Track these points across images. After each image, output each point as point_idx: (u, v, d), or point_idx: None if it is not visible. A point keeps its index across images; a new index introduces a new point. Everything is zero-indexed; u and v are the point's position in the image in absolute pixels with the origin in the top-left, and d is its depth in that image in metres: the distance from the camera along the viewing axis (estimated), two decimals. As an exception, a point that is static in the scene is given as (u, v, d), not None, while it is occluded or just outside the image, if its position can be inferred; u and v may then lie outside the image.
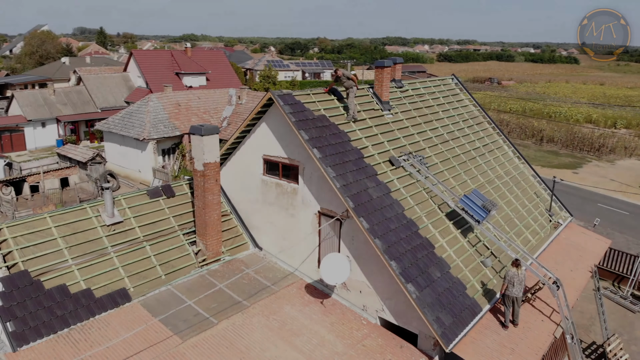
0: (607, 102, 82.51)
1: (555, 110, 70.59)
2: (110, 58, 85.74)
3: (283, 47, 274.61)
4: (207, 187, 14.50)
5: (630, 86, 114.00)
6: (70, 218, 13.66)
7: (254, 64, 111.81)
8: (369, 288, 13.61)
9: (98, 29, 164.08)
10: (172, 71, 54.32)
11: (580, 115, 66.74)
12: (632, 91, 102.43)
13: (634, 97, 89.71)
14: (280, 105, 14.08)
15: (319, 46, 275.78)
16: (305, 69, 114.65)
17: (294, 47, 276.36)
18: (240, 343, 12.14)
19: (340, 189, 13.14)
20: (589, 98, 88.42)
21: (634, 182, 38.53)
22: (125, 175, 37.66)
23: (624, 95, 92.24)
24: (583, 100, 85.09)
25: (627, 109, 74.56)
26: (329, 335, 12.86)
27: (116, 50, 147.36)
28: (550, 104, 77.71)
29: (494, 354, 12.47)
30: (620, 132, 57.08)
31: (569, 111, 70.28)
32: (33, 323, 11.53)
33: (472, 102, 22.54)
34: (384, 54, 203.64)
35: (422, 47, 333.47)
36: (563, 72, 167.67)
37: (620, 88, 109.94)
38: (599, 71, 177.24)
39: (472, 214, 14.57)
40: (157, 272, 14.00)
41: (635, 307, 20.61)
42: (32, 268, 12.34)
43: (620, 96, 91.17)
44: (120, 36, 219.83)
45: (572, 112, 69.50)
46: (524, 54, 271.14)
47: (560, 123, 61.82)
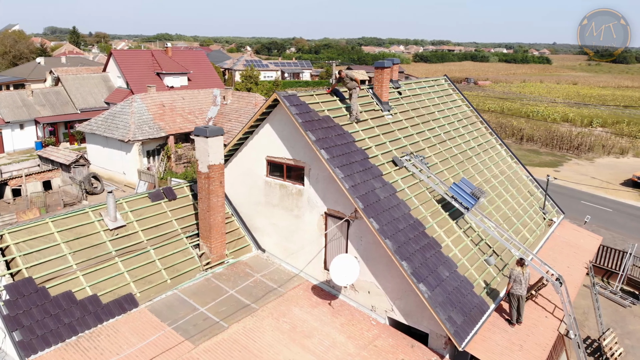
0: (582, 101, 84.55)
1: (532, 110, 72.04)
2: (86, 58, 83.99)
3: (260, 46, 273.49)
4: (211, 190, 14.31)
5: (602, 85, 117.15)
6: (72, 223, 13.32)
7: (232, 64, 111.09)
8: (377, 288, 13.63)
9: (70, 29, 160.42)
10: (153, 71, 53.52)
11: (557, 115, 68.25)
12: (604, 90, 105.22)
13: (607, 96, 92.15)
14: (286, 106, 13.99)
15: (295, 46, 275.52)
16: (284, 69, 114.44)
17: (270, 46, 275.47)
18: (252, 347, 12.01)
19: (350, 189, 13.13)
20: (564, 97, 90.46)
21: (614, 179, 39.57)
22: (109, 177, 36.96)
23: (598, 95, 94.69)
24: (558, 99, 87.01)
25: (602, 108, 76.53)
26: (340, 337, 12.84)
27: (89, 50, 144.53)
28: (528, 104, 79.26)
29: (505, 351, 12.63)
30: (596, 131, 58.53)
31: (545, 110, 71.82)
32: (40, 332, 11.19)
33: (465, 103, 22.81)
34: (361, 54, 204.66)
35: (397, 48, 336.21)
36: (536, 72, 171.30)
37: (593, 87, 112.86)
38: (571, 71, 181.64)
39: (462, 202, 14.82)
40: (163, 277, 13.76)
41: (625, 301, 21.16)
42: (37, 275, 11.98)
43: (594, 95, 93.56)
44: (93, 36, 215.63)
45: (549, 111, 71.02)
46: (498, 54, 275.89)
47: (539, 122, 63.12)
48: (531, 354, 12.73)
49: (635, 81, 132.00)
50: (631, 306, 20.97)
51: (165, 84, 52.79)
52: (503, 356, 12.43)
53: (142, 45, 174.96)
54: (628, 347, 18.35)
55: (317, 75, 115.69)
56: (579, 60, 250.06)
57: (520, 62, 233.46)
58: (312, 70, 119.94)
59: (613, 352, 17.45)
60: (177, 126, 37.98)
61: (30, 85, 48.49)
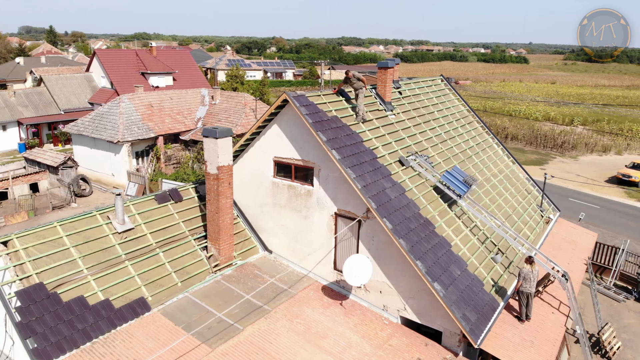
0: (562, 99, 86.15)
1: (514, 109, 73.14)
2: (66, 58, 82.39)
3: (239, 46, 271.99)
4: (220, 191, 14.19)
5: (580, 84, 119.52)
6: (80, 226, 13.05)
7: (214, 63, 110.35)
8: (390, 288, 13.68)
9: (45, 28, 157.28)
10: (138, 71, 52.77)
11: (539, 113, 69.39)
12: (582, 89, 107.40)
13: (586, 95, 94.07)
14: (296, 106, 13.94)
15: (276, 45, 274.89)
16: (267, 68, 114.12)
17: (250, 46, 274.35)
18: (269, 348, 11.95)
19: (362, 189, 13.16)
20: (544, 96, 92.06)
21: (599, 176, 40.42)
22: (97, 179, 36.34)
23: (576, 94, 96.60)
24: (539, 98, 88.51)
25: (581, 107, 78.10)
26: (354, 337, 12.86)
27: (66, 50, 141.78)
28: (509, 103, 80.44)
29: (517, 347, 12.81)
30: (578, 129, 59.71)
31: (527, 109, 72.98)
32: (54, 338, 10.95)
33: (461, 102, 23.05)
34: (342, 54, 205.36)
35: (377, 48, 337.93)
36: (515, 72, 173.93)
37: (571, 86, 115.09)
38: (548, 70, 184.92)
39: (454, 189, 15.08)
40: (173, 280, 13.59)
41: (619, 296, 21.64)
42: (47, 280, 11.72)
43: (573, 94, 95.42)
44: (69, 35, 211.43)
45: (530, 110, 72.19)
46: (477, 54, 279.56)
47: (521, 121, 64.09)
48: (542, 350, 12.94)
49: (611, 80, 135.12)
50: (625, 301, 21.46)
51: (150, 84, 52.10)
52: (516, 352, 12.60)
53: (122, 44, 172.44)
54: (625, 340, 18.76)
55: (301, 75, 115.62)
56: (555, 59, 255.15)
57: (499, 61, 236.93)
58: (295, 70, 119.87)
59: (612, 346, 17.83)
60: (166, 127, 37.56)
61: (13, 86, 47.38)
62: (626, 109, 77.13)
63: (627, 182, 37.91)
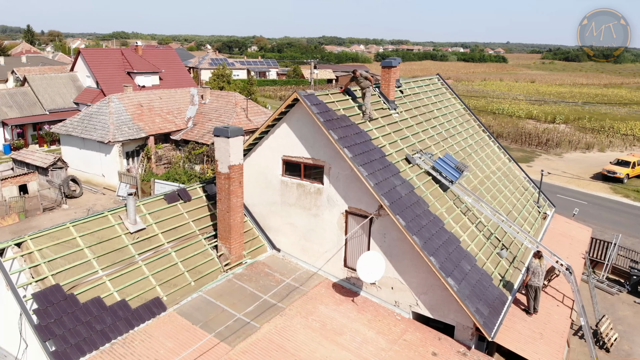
0: (542, 98, 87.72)
1: (498, 107, 74.27)
2: (46, 57, 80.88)
3: (220, 45, 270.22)
4: (232, 190, 14.21)
5: (558, 83, 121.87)
6: (93, 227, 12.95)
7: (197, 63, 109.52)
8: (402, 284, 13.88)
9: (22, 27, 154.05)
10: (124, 70, 52.15)
11: (522, 112, 70.60)
12: (561, 88, 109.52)
13: (565, 93, 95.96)
14: (307, 105, 14.04)
15: (257, 44, 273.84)
16: (250, 67, 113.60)
17: (231, 45, 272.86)
18: (288, 346, 12.04)
19: (375, 187, 13.32)
20: (525, 95, 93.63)
21: (584, 173, 41.35)
22: (87, 180, 35.84)
23: (556, 92, 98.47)
24: (520, 97, 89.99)
25: (562, 105, 79.66)
26: (369, 333, 13.02)
27: (43, 49, 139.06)
28: (492, 101, 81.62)
29: (528, 339, 13.12)
30: (560, 127, 60.90)
31: (510, 107, 74.15)
32: (73, 340, 10.86)
33: (458, 101, 23.39)
34: (324, 54, 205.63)
35: (358, 47, 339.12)
36: (494, 71, 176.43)
37: (551, 85, 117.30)
38: (526, 69, 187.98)
39: (446, 175, 15.50)
40: (186, 279, 13.57)
41: (612, 289, 22.24)
42: (63, 282, 11.61)
43: (553, 93, 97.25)
44: (46, 34, 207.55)
45: (513, 108, 73.37)
46: (457, 53, 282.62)
47: (505, 119, 65.12)
48: (552, 341, 13.28)
49: (589, 79, 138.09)
50: (618, 294, 22.06)
51: (137, 84, 51.52)
52: (527, 345, 12.91)
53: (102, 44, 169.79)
54: (621, 332, 19.30)
55: (285, 74, 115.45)
56: (533, 59, 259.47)
57: (478, 61, 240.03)
58: (279, 69, 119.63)
59: (610, 337, 18.34)
60: (157, 126, 37.23)
61: (-5, 86, 46.38)
62: (606, 107, 78.93)
63: (612, 178, 38.87)
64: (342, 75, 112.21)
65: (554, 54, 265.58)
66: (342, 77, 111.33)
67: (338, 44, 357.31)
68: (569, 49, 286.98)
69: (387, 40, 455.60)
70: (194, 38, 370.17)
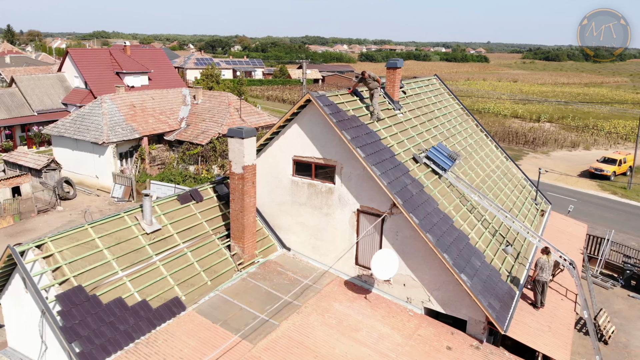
0: (526, 97, 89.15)
1: (483, 106, 75.31)
2: (30, 57, 79.65)
3: (203, 44, 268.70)
4: (245, 190, 14.37)
5: (540, 82, 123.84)
6: (111, 228, 13.01)
7: (182, 62, 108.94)
8: (414, 281, 14.20)
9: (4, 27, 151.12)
10: (112, 71, 51.72)
11: (507, 111, 71.72)
12: (544, 87, 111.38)
13: (548, 92, 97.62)
14: (320, 106, 14.28)
15: (240, 44, 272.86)
16: (236, 67, 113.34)
17: (214, 44, 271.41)
18: (308, 342, 12.26)
19: (388, 186, 13.61)
20: (509, 94, 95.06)
21: (572, 171, 42.28)
22: (79, 181, 35.53)
23: (539, 91, 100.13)
24: (504, 96, 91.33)
25: (545, 104, 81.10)
26: (384, 328, 13.31)
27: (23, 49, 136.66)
28: (477, 101, 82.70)
29: (537, 332, 13.54)
30: (545, 126, 62.03)
31: (495, 107, 75.25)
32: (98, 341, 10.94)
33: (456, 101, 23.85)
34: (308, 53, 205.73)
35: (341, 47, 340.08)
36: (477, 70, 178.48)
37: (533, 84, 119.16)
38: (508, 68, 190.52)
39: (440, 164, 15.99)
40: (203, 279, 13.71)
41: (607, 284, 22.89)
42: (85, 283, 11.67)
43: (536, 92, 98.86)
44: (26, 34, 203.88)
45: (499, 107, 74.48)
46: (439, 53, 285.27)
47: (491, 118, 66.09)
48: (560, 334, 13.74)
49: (570, 78, 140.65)
50: (613, 288, 22.71)
51: (126, 84, 51.12)
52: (537, 337, 13.33)
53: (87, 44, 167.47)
54: (617, 324, 19.92)
55: (271, 74, 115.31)
56: (514, 58, 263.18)
57: (460, 60, 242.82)
58: (264, 68, 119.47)
59: (607, 330, 18.93)
60: (150, 127, 37.08)
61: (-19, 86, 45.62)
62: (588, 105, 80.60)
63: (599, 175, 39.84)
64: (328, 75, 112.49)
65: (534, 53, 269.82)
66: (328, 77, 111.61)
67: (321, 44, 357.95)
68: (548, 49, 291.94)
69: (370, 40, 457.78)
70: (176, 37, 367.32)
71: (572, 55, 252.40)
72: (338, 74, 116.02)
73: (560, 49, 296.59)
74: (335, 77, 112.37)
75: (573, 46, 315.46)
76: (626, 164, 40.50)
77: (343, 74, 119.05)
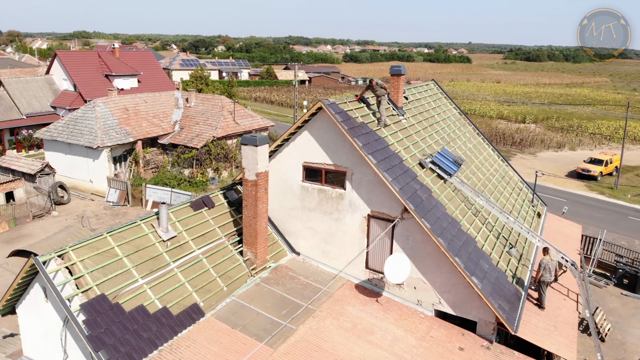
0: (510, 98, 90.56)
1: (469, 108, 76.33)
2: (12, 59, 78.43)
3: (186, 44, 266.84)
4: (258, 196, 14.60)
5: (523, 83, 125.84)
6: (129, 236, 13.14)
7: (168, 63, 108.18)
8: (424, 284, 14.58)
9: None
10: (101, 73, 51.33)
11: (493, 112, 72.83)
12: (526, 88, 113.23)
13: (531, 93, 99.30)
14: (332, 114, 14.58)
15: (223, 44, 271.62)
16: (222, 68, 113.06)
17: (197, 44, 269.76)
18: (326, 346, 12.56)
19: (400, 191, 13.97)
20: (493, 95, 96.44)
21: (559, 171, 43.24)
22: (73, 186, 35.29)
23: (522, 92, 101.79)
24: (489, 97, 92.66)
25: (529, 105, 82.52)
26: (398, 331, 13.66)
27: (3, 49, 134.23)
28: (463, 102, 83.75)
29: (544, 332, 14.03)
30: (531, 127, 63.18)
31: (481, 108, 76.35)
32: (124, 349, 11.09)
33: (453, 105, 24.35)
34: (293, 54, 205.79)
35: (325, 47, 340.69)
36: (460, 71, 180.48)
37: (516, 85, 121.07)
38: (490, 69, 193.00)
39: (445, 169, 16.44)
40: (219, 285, 13.91)
41: (600, 282, 23.61)
42: (108, 291, 11.79)
43: (519, 93, 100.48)
44: (5, 34, 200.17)
45: (485, 108, 75.57)
46: (422, 54, 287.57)
47: (477, 119, 67.05)
48: (565, 333, 14.24)
49: (551, 78, 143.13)
50: (606, 286, 23.45)
51: (115, 86, 50.72)
52: (545, 337, 13.81)
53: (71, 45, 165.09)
54: (613, 322, 20.61)
55: (257, 75, 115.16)
56: (496, 59, 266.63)
57: (443, 61, 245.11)
58: (250, 69, 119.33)
59: (604, 328, 19.60)
60: (144, 131, 36.97)
61: (-32, 90, 44.89)
62: (571, 107, 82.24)
63: (586, 176, 40.85)
64: (315, 77, 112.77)
65: (515, 54, 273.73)
66: (314, 78, 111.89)
67: (305, 44, 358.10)
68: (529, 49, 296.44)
69: (353, 41, 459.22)
70: (159, 37, 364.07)
71: (552, 56, 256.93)
72: (324, 75, 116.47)
73: (541, 49, 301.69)
74: (322, 78, 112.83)
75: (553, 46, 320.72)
76: (612, 164, 41.59)
77: (329, 75, 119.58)
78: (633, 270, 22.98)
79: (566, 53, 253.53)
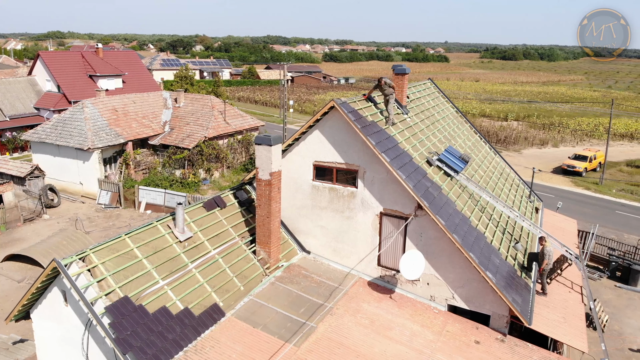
0: (491, 97, 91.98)
1: (452, 106, 77.28)
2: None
3: (164, 44, 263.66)
4: (272, 196, 14.65)
5: (501, 81, 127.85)
6: (147, 237, 13.06)
7: (148, 63, 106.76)
8: (438, 280, 14.83)
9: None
10: (85, 73, 50.56)
11: (475, 110, 73.89)
12: (505, 86, 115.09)
13: (510, 91, 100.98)
14: (344, 113, 14.71)
15: (201, 44, 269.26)
16: (203, 68, 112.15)
17: (175, 44, 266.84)
18: (347, 343, 12.69)
19: (414, 189, 14.18)
20: (474, 93, 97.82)
21: (544, 167, 44.16)
22: (62, 188, 34.72)
23: (501, 90, 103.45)
24: (470, 96, 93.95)
25: (510, 103, 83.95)
26: (415, 326, 13.88)
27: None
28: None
29: (555, 324, 14.41)
30: (513, 124, 64.32)
31: (464, 106, 77.37)
32: (150, 351, 11.04)
33: (450, 104, 24.72)
34: (273, 54, 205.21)
35: (303, 47, 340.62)
36: (439, 70, 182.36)
37: (495, 84, 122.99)
38: (468, 68, 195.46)
39: (452, 166, 16.84)
40: (236, 284, 13.92)
41: (594, 275, 24.27)
42: (130, 293, 11.72)
43: (499, 91, 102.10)
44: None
45: (467, 107, 76.61)
46: (400, 53, 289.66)
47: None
48: (575, 324, 14.65)
49: (528, 77, 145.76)
50: (600, 279, 24.12)
51: (100, 87, 50.02)
52: (556, 329, 14.19)
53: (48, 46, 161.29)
54: (609, 313, 21.23)
55: (239, 74, 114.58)
56: (472, 58, 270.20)
57: (422, 60, 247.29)
58: (232, 69, 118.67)
59: (602, 319, 20.17)
60: (134, 132, 36.55)
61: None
62: (550, 104, 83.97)
63: (571, 172, 41.81)
64: (297, 76, 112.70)
65: (491, 53, 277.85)
66: (297, 78, 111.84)
67: (283, 44, 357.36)
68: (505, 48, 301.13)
69: (332, 40, 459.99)
70: (135, 37, 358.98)
71: (527, 54, 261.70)
72: (307, 74, 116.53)
73: (516, 48, 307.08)
74: (305, 77, 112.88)
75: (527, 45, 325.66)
76: (596, 160, 42.68)
77: (311, 74, 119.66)
78: (626, 262, 23.68)
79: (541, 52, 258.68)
